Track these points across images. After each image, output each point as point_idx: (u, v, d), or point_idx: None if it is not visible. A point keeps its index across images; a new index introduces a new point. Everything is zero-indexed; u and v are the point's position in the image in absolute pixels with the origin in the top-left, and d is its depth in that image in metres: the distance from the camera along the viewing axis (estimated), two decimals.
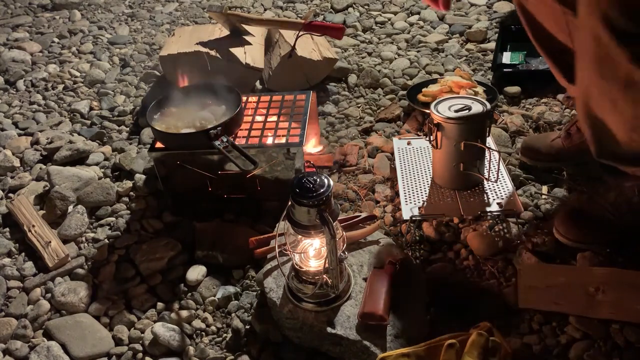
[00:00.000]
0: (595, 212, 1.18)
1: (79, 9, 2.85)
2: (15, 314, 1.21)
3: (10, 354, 1.12)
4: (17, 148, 1.77)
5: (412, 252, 1.24)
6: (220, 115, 1.39)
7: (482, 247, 1.20)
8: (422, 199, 1.26)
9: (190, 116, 1.39)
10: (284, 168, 1.33)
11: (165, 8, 2.78)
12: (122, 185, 1.54)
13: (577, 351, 1.00)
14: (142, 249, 1.31)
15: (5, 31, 2.65)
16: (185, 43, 1.87)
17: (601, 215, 1.17)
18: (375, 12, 2.48)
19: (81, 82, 2.15)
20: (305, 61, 1.83)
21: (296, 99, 1.51)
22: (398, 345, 0.98)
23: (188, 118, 1.39)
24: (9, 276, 1.30)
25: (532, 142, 1.45)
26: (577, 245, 1.18)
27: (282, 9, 2.63)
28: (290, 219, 0.95)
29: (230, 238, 1.30)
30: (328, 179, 0.93)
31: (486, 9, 2.41)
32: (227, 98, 1.43)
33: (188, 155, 1.34)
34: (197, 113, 1.40)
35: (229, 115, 1.35)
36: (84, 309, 1.20)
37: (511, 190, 1.25)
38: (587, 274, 1.11)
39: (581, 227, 1.18)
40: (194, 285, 1.23)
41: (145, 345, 1.11)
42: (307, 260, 1.03)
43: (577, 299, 1.06)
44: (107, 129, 1.85)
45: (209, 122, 1.35)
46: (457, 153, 1.21)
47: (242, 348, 1.09)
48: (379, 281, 1.03)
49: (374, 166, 1.53)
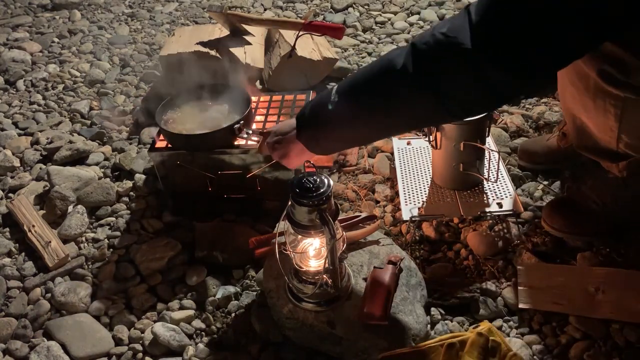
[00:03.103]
0: (580, 203, 1.20)
1: (79, 9, 2.84)
2: (15, 314, 1.21)
3: (10, 354, 1.12)
4: (17, 148, 1.77)
5: (412, 252, 1.24)
6: (227, 115, 1.39)
7: (482, 247, 1.20)
8: (422, 199, 1.26)
9: (197, 118, 1.39)
10: (284, 168, 1.33)
11: (165, 8, 2.78)
12: (122, 185, 1.54)
13: (577, 351, 1.00)
14: (142, 249, 1.31)
15: (5, 31, 2.64)
16: (185, 43, 1.87)
17: (586, 206, 1.18)
18: (375, 12, 2.48)
19: (81, 82, 2.15)
20: (305, 61, 1.83)
21: (296, 99, 1.52)
22: (398, 345, 0.98)
23: (196, 120, 1.39)
24: (9, 276, 1.30)
25: (529, 146, 1.45)
26: (563, 235, 1.20)
27: (282, 9, 2.63)
28: (290, 219, 0.95)
29: (230, 238, 1.30)
30: (328, 179, 0.93)
31: None
32: (231, 97, 1.43)
33: (188, 155, 1.34)
34: (204, 114, 1.40)
35: (235, 114, 1.36)
36: (84, 309, 1.20)
37: (511, 190, 1.25)
38: (587, 274, 1.11)
39: (567, 218, 1.20)
40: (194, 285, 1.23)
41: (145, 345, 1.11)
42: (307, 260, 1.03)
43: (577, 299, 1.06)
44: (107, 129, 1.84)
45: (219, 121, 1.36)
46: (456, 153, 1.21)
47: (242, 348, 1.09)
48: (379, 281, 1.03)
49: (374, 166, 1.53)
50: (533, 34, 0.71)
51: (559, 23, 0.70)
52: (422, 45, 0.81)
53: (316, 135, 1.00)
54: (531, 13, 0.70)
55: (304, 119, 1.01)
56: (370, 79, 0.90)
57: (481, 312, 1.09)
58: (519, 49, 0.73)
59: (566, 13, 0.69)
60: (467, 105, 0.83)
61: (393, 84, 0.86)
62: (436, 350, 0.96)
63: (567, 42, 0.72)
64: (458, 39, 0.76)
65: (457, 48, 0.76)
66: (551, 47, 0.73)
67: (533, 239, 1.22)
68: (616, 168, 1.09)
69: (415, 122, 0.97)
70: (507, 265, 1.18)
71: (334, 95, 0.94)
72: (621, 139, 1.00)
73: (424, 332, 1.02)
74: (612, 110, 0.96)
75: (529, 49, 0.73)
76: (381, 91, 0.88)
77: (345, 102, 0.92)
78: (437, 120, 1.03)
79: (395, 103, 0.87)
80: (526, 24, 0.71)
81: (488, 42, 0.74)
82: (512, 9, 0.72)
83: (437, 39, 0.79)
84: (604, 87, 0.92)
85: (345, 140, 1.03)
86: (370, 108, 0.91)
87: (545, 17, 0.70)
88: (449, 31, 0.77)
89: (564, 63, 0.79)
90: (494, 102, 0.85)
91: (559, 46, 0.73)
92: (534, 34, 0.71)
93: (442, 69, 0.80)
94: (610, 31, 0.73)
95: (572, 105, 1.08)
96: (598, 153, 1.10)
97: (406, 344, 0.98)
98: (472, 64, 0.76)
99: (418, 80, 0.82)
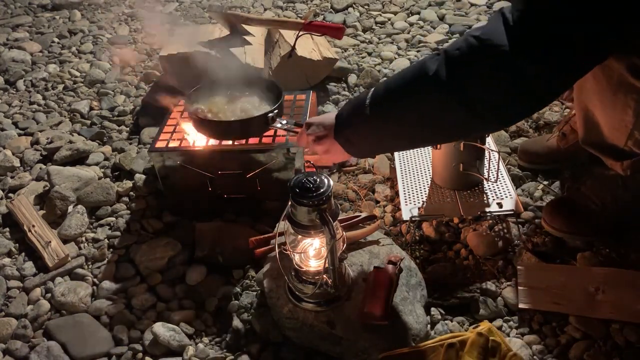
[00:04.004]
0: (580, 203, 1.20)
1: (79, 9, 2.85)
2: (15, 314, 1.21)
3: (10, 354, 1.12)
4: (17, 148, 1.77)
5: (412, 252, 1.24)
6: (258, 105, 1.40)
7: (482, 247, 1.20)
8: (422, 199, 1.26)
9: (228, 108, 1.39)
10: (283, 168, 1.33)
11: (165, 8, 2.78)
12: (122, 185, 1.54)
13: (577, 351, 1.00)
14: (142, 249, 1.31)
15: (5, 31, 2.65)
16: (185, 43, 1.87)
17: (586, 206, 1.18)
18: (375, 12, 2.48)
19: (81, 82, 2.15)
20: (305, 61, 1.83)
21: (296, 99, 1.52)
22: (398, 345, 0.98)
23: (227, 110, 1.39)
24: (9, 276, 1.30)
25: (529, 146, 1.45)
26: (563, 235, 1.20)
27: (282, 9, 2.63)
28: (290, 219, 0.95)
29: (230, 238, 1.29)
30: (328, 179, 0.93)
31: (486, 9, 2.41)
32: (261, 89, 1.44)
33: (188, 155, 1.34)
34: (235, 104, 1.40)
35: (266, 105, 1.37)
36: (84, 309, 1.20)
37: (511, 190, 1.25)
38: (587, 274, 1.11)
39: (566, 217, 1.20)
40: (194, 285, 1.23)
41: (145, 345, 1.11)
42: (307, 260, 1.03)
43: (577, 299, 1.06)
44: (107, 129, 1.85)
45: (249, 111, 1.36)
46: (456, 153, 1.21)
47: (242, 348, 1.08)
48: (379, 281, 1.03)
49: (374, 166, 1.53)
50: (571, 30, 0.72)
51: (596, 15, 0.70)
52: (454, 52, 0.81)
53: (352, 138, 1.01)
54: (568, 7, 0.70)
55: (342, 120, 1.01)
56: (403, 85, 0.90)
57: (481, 312, 1.09)
58: (557, 45, 0.73)
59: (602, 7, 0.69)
60: (501, 110, 0.82)
61: (425, 90, 0.85)
62: (436, 350, 0.96)
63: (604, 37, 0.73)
64: (493, 41, 0.76)
65: (492, 50, 0.76)
66: (588, 42, 0.73)
67: (533, 239, 1.22)
68: (620, 166, 1.09)
69: (447, 131, 0.93)
70: (507, 265, 1.18)
71: (369, 99, 0.94)
72: (632, 136, 1.00)
73: (424, 332, 1.02)
74: (633, 105, 0.95)
75: (567, 44, 0.73)
76: (413, 98, 0.88)
77: (380, 107, 0.93)
78: (470, 129, 0.94)
79: (427, 110, 0.87)
80: (564, 18, 0.71)
81: (526, 39, 0.74)
82: (550, 5, 0.72)
83: (470, 44, 0.79)
84: (630, 81, 0.91)
85: (380, 145, 1.03)
86: (402, 115, 0.91)
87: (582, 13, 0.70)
88: (482, 34, 0.77)
89: (602, 58, 0.78)
90: (528, 104, 0.83)
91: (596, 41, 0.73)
92: (572, 30, 0.72)
93: (475, 74, 0.79)
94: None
95: (589, 99, 1.06)
96: (603, 150, 1.10)
97: (406, 344, 0.98)
98: (508, 64, 0.75)
99: (450, 86, 0.81)
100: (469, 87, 0.80)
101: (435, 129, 0.92)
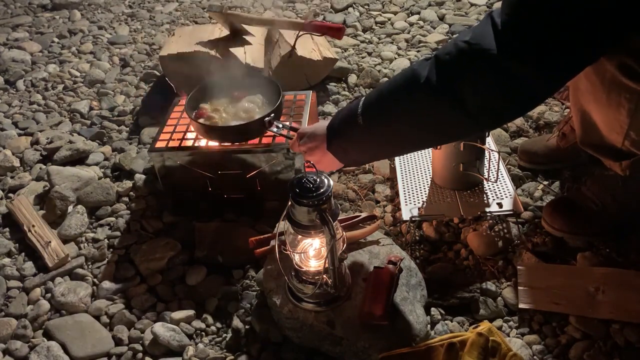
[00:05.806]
0: (580, 203, 1.20)
1: (79, 9, 2.84)
2: (15, 314, 1.21)
3: (10, 354, 1.12)
4: (17, 148, 1.76)
5: (412, 252, 1.24)
6: (261, 105, 1.39)
7: (482, 247, 1.20)
8: (422, 199, 1.26)
9: (230, 110, 1.39)
10: (284, 168, 1.33)
11: (165, 8, 2.78)
12: (122, 185, 1.54)
13: (577, 351, 1.00)
14: (142, 249, 1.31)
15: (5, 31, 2.64)
16: (185, 43, 1.87)
17: (586, 206, 1.18)
18: (375, 12, 2.48)
19: (81, 82, 2.15)
20: (305, 61, 1.83)
21: (296, 99, 1.51)
22: (398, 345, 0.98)
23: (229, 111, 1.38)
24: (9, 276, 1.30)
25: (529, 146, 1.45)
26: (563, 235, 1.20)
27: (282, 9, 2.63)
28: (290, 219, 0.95)
29: (230, 238, 1.30)
30: (328, 179, 0.93)
31: (486, 8, 2.41)
32: (262, 86, 1.43)
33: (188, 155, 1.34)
34: (237, 105, 1.39)
35: (270, 103, 1.35)
36: (84, 309, 1.20)
37: (511, 190, 1.25)
38: (587, 274, 1.11)
39: (566, 217, 1.20)
40: (194, 285, 1.23)
41: (145, 345, 1.11)
42: (307, 260, 1.03)
43: (577, 299, 1.06)
44: (107, 129, 1.85)
45: (253, 111, 1.36)
46: (456, 153, 1.21)
47: (242, 348, 1.09)
48: (379, 281, 1.03)
49: (374, 166, 1.53)
50: (559, 31, 0.72)
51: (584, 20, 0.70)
52: (444, 56, 0.81)
53: (345, 148, 1.01)
54: (556, 11, 0.70)
55: (334, 130, 1.01)
56: (395, 92, 0.90)
57: (481, 312, 1.09)
58: (545, 46, 0.73)
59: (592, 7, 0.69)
60: (492, 112, 0.83)
61: (417, 96, 0.85)
62: (436, 350, 0.96)
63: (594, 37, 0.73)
64: (482, 45, 0.76)
65: (481, 54, 0.76)
66: (578, 42, 0.73)
67: (533, 239, 1.22)
68: (619, 167, 1.09)
69: (442, 135, 0.94)
70: (507, 265, 1.18)
71: (361, 108, 0.94)
72: (628, 136, 1.00)
73: (424, 332, 1.02)
74: (626, 105, 0.95)
75: (555, 45, 0.73)
76: (406, 104, 0.88)
77: (372, 115, 0.93)
78: (464, 132, 0.96)
79: (420, 116, 0.87)
80: (552, 22, 0.71)
81: (513, 42, 0.75)
82: (537, 9, 0.72)
83: (459, 48, 0.79)
84: (622, 81, 0.91)
85: (374, 153, 1.03)
86: (396, 121, 0.91)
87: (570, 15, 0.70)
88: (471, 39, 0.78)
89: (591, 60, 0.78)
90: (519, 105, 0.83)
91: (586, 41, 0.73)
92: (560, 31, 0.72)
93: (466, 77, 0.80)
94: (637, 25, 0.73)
95: (584, 99, 1.07)
96: (602, 150, 1.10)
97: (406, 344, 0.98)
98: (497, 67, 0.76)
99: (442, 90, 0.81)
100: (460, 90, 0.80)
101: (429, 134, 0.92)
